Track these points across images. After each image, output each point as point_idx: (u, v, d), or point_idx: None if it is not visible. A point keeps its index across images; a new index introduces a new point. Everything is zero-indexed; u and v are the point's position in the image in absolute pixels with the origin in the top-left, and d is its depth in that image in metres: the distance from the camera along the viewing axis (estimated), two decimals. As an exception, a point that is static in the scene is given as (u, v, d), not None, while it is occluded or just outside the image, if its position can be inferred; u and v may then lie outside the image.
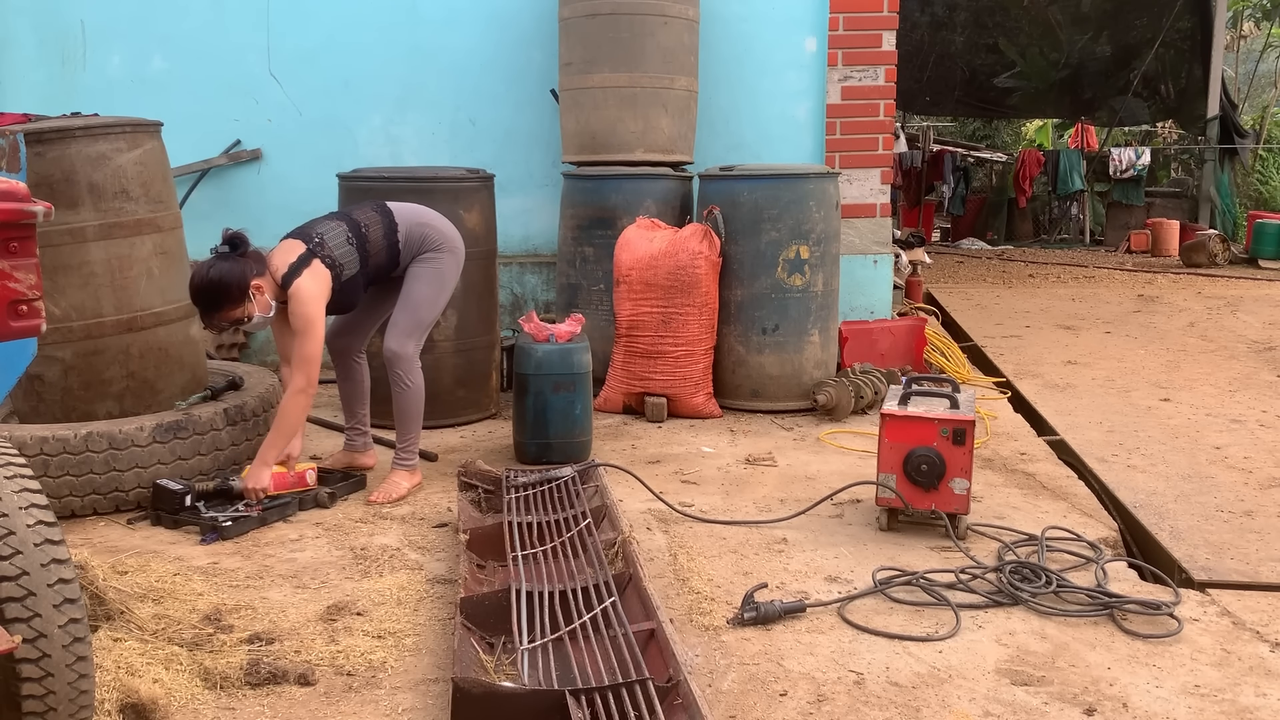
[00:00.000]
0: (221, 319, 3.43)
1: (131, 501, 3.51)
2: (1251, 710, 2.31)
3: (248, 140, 5.86)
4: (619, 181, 5.12)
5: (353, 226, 3.62)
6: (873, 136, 5.87)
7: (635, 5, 5.12)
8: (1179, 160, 15.59)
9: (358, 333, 3.92)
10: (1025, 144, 18.10)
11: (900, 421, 3.25)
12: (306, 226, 3.63)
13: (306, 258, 3.48)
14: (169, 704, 2.26)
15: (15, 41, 5.79)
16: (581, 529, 3.03)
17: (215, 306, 3.39)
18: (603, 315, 5.02)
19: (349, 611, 2.74)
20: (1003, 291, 8.97)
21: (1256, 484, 3.88)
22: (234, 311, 3.40)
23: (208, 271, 3.38)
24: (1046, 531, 3.27)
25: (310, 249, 3.51)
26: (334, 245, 3.55)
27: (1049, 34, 13.92)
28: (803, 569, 3.06)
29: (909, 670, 2.47)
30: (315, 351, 3.46)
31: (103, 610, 2.54)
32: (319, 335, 3.48)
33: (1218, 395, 5.24)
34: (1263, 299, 8.46)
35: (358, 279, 3.62)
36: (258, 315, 3.44)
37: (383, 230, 3.66)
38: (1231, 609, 2.83)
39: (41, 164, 3.51)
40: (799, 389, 4.87)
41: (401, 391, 3.74)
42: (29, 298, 1.86)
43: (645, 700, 2.05)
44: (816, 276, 4.83)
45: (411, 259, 3.73)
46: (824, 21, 5.76)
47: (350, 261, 3.58)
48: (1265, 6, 15.45)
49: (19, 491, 1.86)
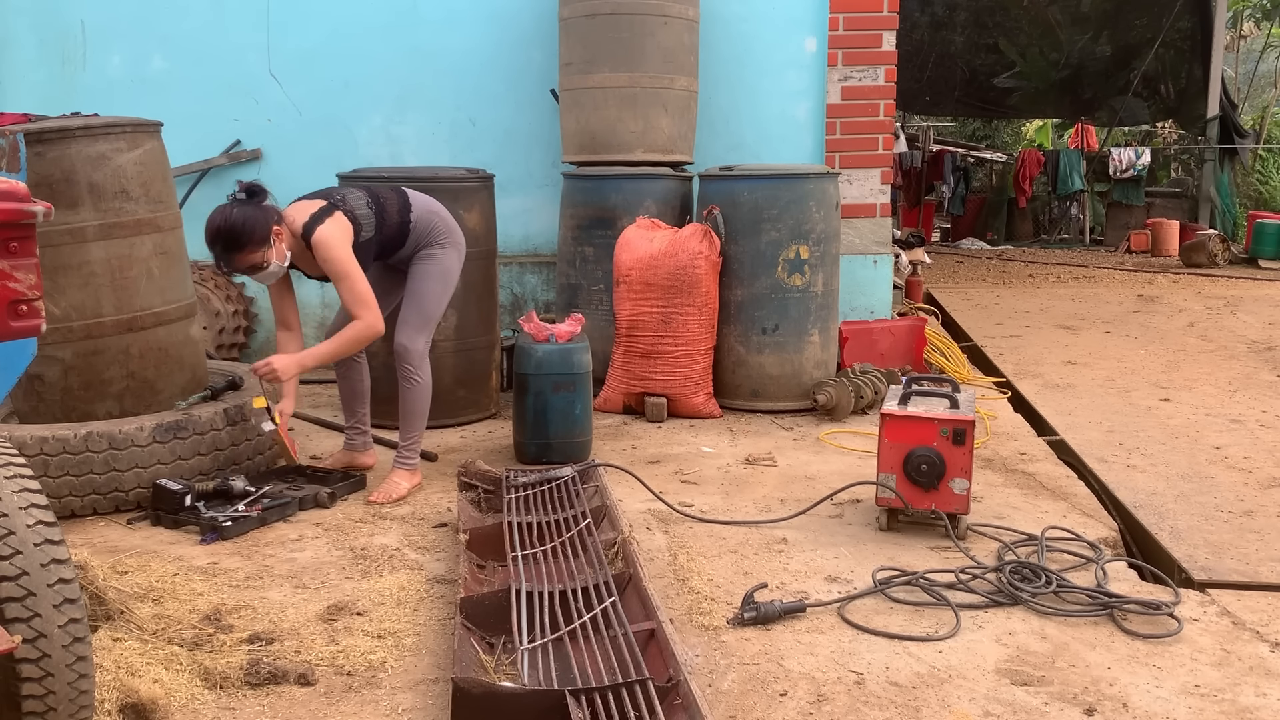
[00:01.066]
0: (240, 262, 3.42)
1: (131, 501, 3.51)
2: (1251, 710, 2.31)
3: (248, 140, 5.86)
4: (619, 181, 5.12)
5: (372, 194, 3.68)
6: (873, 136, 5.87)
7: (635, 5, 5.13)
8: (1179, 160, 15.59)
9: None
10: (1025, 144, 18.12)
11: (900, 421, 3.25)
12: (325, 190, 3.68)
13: (328, 209, 3.52)
14: (169, 704, 2.26)
15: (15, 41, 5.79)
16: (581, 529, 3.03)
17: (236, 248, 3.38)
18: (603, 315, 5.02)
19: (349, 611, 2.74)
20: (1003, 291, 8.97)
21: (1256, 484, 3.88)
22: (254, 255, 3.41)
23: (230, 213, 3.38)
24: (1046, 531, 3.27)
25: (332, 203, 3.55)
26: (355, 205, 3.60)
27: (1049, 34, 13.92)
28: (803, 569, 3.06)
29: (909, 670, 2.47)
30: (364, 291, 3.47)
31: (103, 610, 2.54)
32: (359, 274, 3.48)
33: (1218, 395, 5.24)
34: (1263, 299, 8.46)
35: (371, 245, 3.63)
36: (274, 263, 3.45)
37: (397, 207, 3.71)
38: (1231, 609, 2.83)
39: (41, 164, 3.51)
40: (799, 389, 4.87)
41: (410, 387, 3.74)
42: (29, 298, 1.86)
43: (645, 700, 2.05)
44: (816, 276, 4.83)
45: (416, 249, 3.75)
46: (824, 21, 5.77)
47: (369, 225, 3.60)
48: (1265, 6, 15.45)
49: (19, 491, 1.86)
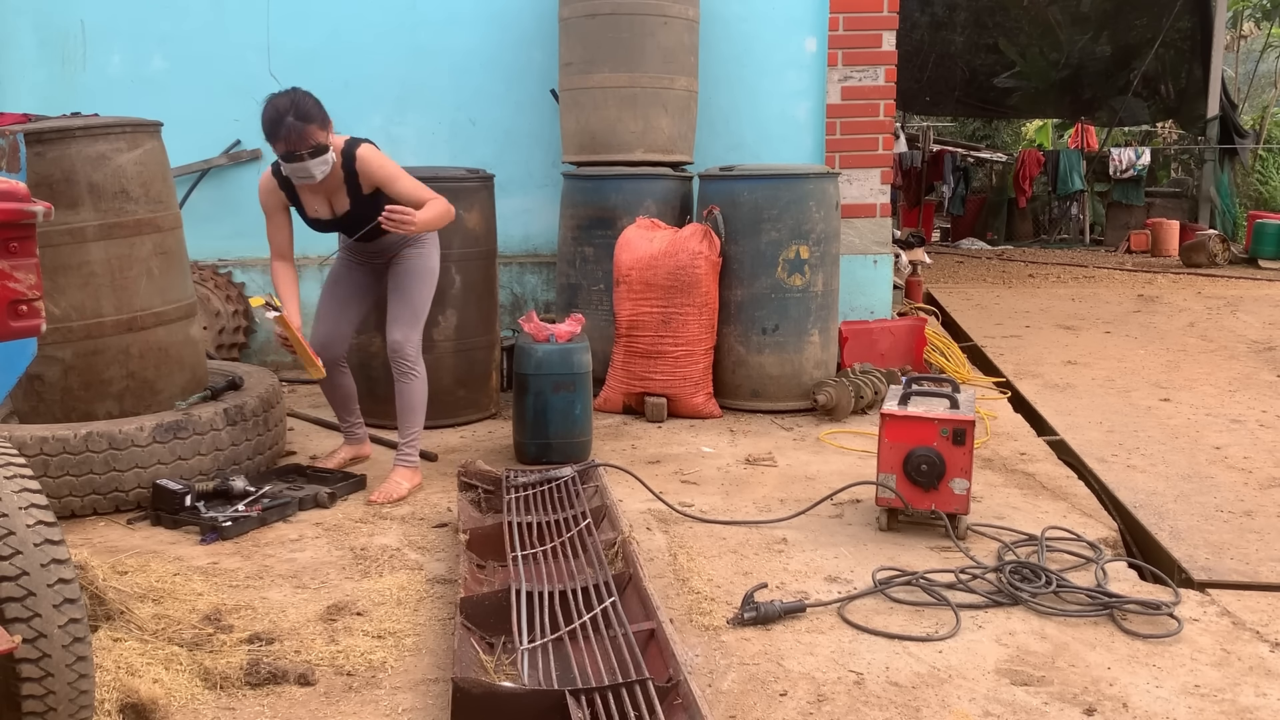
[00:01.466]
0: (310, 137, 3.43)
1: (131, 501, 3.51)
2: (1251, 710, 2.31)
3: (248, 140, 5.86)
4: (619, 181, 5.12)
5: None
6: (873, 136, 5.87)
7: (635, 5, 5.12)
8: (1179, 160, 15.59)
9: (338, 339, 3.91)
10: (1025, 144, 18.12)
11: (900, 421, 3.25)
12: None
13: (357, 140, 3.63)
14: (169, 704, 2.26)
15: (15, 41, 5.79)
16: (581, 529, 3.03)
17: (308, 119, 3.42)
18: (603, 315, 5.02)
19: (349, 611, 2.74)
20: (1003, 291, 8.97)
21: (1256, 484, 3.88)
22: (320, 134, 3.46)
23: (294, 91, 3.45)
24: (1046, 531, 3.27)
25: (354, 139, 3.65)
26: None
27: (1049, 34, 13.92)
28: (803, 569, 3.06)
29: (909, 670, 2.47)
30: (418, 183, 3.64)
31: (103, 610, 2.54)
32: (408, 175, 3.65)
33: (1218, 395, 5.24)
34: (1263, 299, 8.46)
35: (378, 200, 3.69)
36: (331, 154, 3.49)
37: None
38: (1231, 609, 2.83)
39: (41, 164, 3.51)
40: (799, 389, 4.87)
41: (408, 383, 3.76)
42: (29, 298, 1.86)
43: (645, 700, 2.05)
44: (816, 276, 4.83)
45: (402, 242, 3.77)
46: (824, 21, 5.76)
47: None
48: (1265, 6, 15.46)
49: (19, 491, 1.86)
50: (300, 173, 3.47)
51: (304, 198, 3.65)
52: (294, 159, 3.43)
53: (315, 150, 3.43)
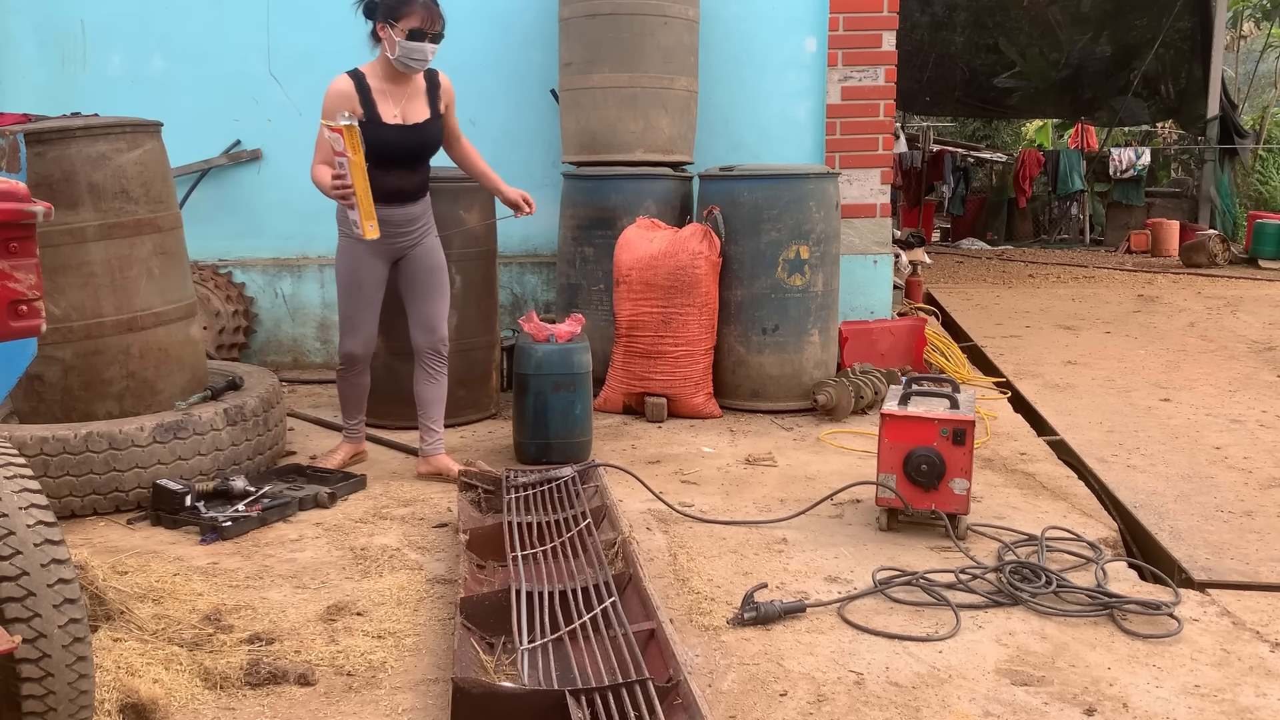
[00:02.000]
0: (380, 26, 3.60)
1: (131, 501, 3.51)
2: (1251, 710, 2.31)
3: (248, 140, 5.86)
4: (619, 181, 5.12)
5: None
6: (873, 136, 5.87)
7: (635, 5, 5.12)
8: (1179, 160, 15.59)
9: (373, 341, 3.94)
10: (1025, 144, 18.12)
11: (900, 421, 3.25)
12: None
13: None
14: (169, 704, 2.26)
15: (15, 41, 5.79)
16: (581, 529, 3.03)
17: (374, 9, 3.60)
18: (603, 315, 5.02)
19: (349, 611, 2.74)
20: (1003, 291, 8.97)
21: (1256, 484, 3.88)
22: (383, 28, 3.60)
23: None
24: (1046, 531, 3.27)
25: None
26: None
27: (1049, 34, 13.92)
28: (803, 569, 3.06)
29: (909, 670, 2.47)
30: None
31: (103, 610, 2.54)
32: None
33: (1218, 395, 5.24)
34: (1263, 299, 8.46)
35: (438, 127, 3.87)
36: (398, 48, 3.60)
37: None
38: (1231, 609, 2.83)
39: (41, 164, 3.51)
40: (799, 389, 4.87)
41: (445, 376, 3.95)
42: (29, 298, 1.86)
43: (645, 700, 2.05)
44: (816, 276, 4.83)
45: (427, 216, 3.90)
46: (824, 21, 5.76)
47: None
48: (1265, 6, 15.45)
49: (19, 491, 1.86)
50: (420, 55, 3.63)
51: (381, 104, 3.70)
52: (437, 38, 3.64)
53: (378, 40, 3.64)
